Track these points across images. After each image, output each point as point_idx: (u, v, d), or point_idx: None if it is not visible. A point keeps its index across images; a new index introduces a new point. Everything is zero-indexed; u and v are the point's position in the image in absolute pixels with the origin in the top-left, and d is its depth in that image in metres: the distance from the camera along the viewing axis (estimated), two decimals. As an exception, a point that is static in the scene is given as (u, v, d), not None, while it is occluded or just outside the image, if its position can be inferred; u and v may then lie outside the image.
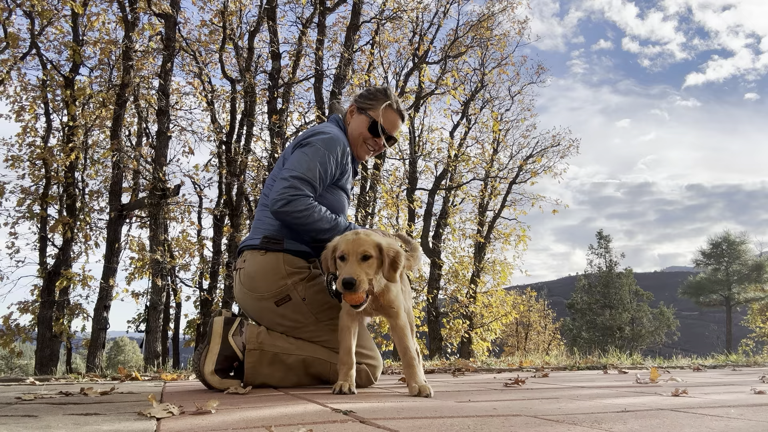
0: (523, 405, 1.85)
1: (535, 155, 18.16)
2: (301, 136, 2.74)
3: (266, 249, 2.61)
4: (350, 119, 2.88)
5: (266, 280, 2.58)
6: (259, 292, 2.60)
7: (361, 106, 2.86)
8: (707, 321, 71.34)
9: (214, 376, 2.49)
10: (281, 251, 2.61)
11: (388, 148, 3.11)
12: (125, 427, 1.45)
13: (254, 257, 2.63)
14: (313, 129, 2.75)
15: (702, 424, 1.43)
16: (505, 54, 16.77)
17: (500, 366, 4.54)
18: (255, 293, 2.61)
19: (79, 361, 16.52)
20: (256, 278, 2.60)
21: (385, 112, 2.84)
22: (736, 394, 2.30)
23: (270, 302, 2.59)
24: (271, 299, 2.58)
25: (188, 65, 12.71)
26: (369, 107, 2.84)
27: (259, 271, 2.59)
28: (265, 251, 2.61)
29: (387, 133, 2.87)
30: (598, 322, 39.61)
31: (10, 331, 10.55)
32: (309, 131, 2.73)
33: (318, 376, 2.63)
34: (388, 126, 2.87)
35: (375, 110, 2.83)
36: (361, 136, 2.84)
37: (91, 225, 12.05)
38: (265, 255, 2.61)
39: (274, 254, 2.61)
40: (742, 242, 41.90)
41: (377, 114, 2.83)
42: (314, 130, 2.71)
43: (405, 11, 13.72)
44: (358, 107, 2.86)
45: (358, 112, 2.86)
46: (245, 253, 2.69)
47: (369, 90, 2.91)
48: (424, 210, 16.27)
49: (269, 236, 2.63)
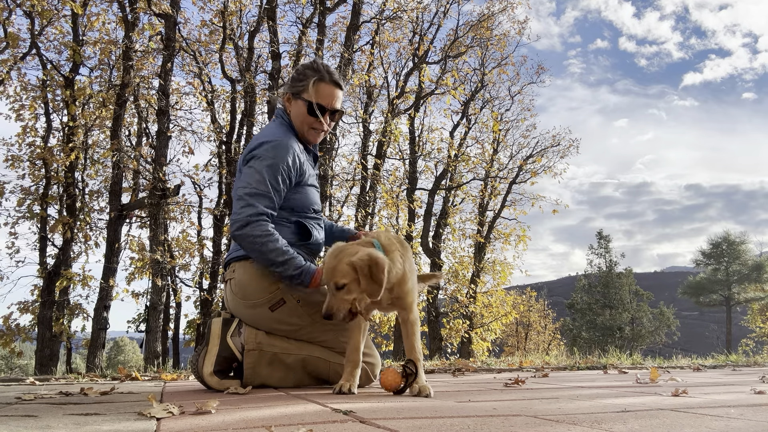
0: (523, 405, 1.85)
1: (535, 155, 18.16)
2: (247, 148, 2.63)
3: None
4: (289, 108, 2.74)
5: (258, 286, 2.55)
6: (252, 299, 2.57)
7: (293, 92, 2.70)
8: (707, 321, 71.34)
9: (213, 377, 2.49)
10: None
11: (336, 122, 2.95)
12: (125, 427, 1.45)
13: (243, 266, 2.60)
14: (257, 138, 2.64)
15: (702, 424, 1.43)
16: (505, 54, 16.78)
17: (500, 366, 4.54)
18: (248, 301, 2.58)
19: (79, 361, 16.51)
20: (248, 286, 2.57)
21: (317, 88, 2.67)
22: (736, 394, 2.30)
23: (264, 308, 2.56)
24: (265, 305, 2.56)
25: (188, 65, 12.72)
26: (301, 89, 2.68)
27: (251, 278, 2.57)
28: (253, 260, 2.58)
29: (328, 108, 2.70)
30: (598, 322, 39.62)
31: (10, 331, 10.56)
32: (253, 141, 2.62)
33: (317, 376, 2.63)
34: (325, 101, 2.69)
35: (307, 91, 2.67)
36: (304, 122, 2.71)
37: (91, 225, 12.06)
38: (254, 263, 2.57)
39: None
40: (742, 242, 41.92)
41: (310, 94, 2.67)
42: (258, 140, 2.60)
43: (405, 11, 13.73)
44: (292, 93, 2.71)
45: (294, 98, 2.71)
46: (234, 264, 2.66)
47: (297, 71, 2.75)
48: (424, 210, 16.26)
49: None
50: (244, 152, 2.65)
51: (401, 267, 2.33)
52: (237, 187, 2.55)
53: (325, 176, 11.50)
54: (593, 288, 41.69)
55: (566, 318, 41.47)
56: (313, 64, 2.74)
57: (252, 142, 2.64)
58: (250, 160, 2.54)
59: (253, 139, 2.67)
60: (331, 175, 12.19)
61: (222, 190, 12.65)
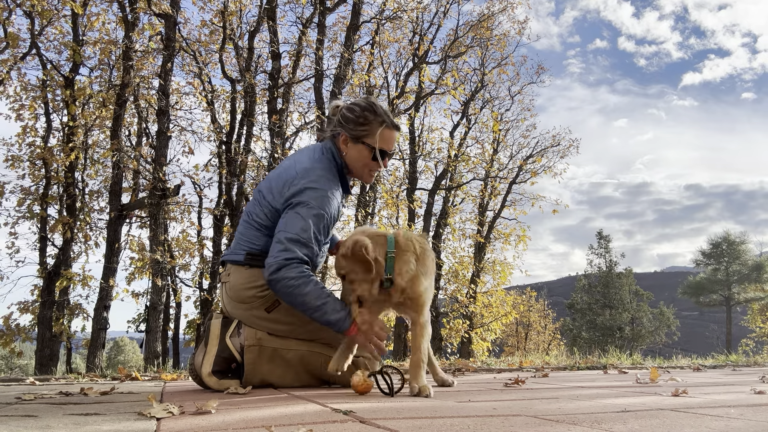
0: (523, 405, 1.85)
1: (535, 155, 18.16)
2: (291, 182, 2.50)
3: (250, 265, 2.59)
4: (345, 149, 2.65)
5: (253, 289, 2.57)
6: (247, 302, 2.59)
7: (354, 135, 2.61)
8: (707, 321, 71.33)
9: (211, 378, 2.49)
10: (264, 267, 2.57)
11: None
12: (125, 427, 1.45)
13: (239, 271, 2.61)
14: (305, 178, 2.50)
15: (702, 424, 1.43)
16: (505, 54, 16.78)
17: (500, 366, 4.54)
18: (244, 304, 2.60)
19: (79, 361, 16.51)
20: (242, 288, 2.59)
21: (382, 134, 2.62)
22: (736, 394, 2.30)
23: (260, 310, 2.58)
24: (261, 306, 2.58)
25: (188, 65, 12.72)
26: (364, 134, 2.61)
27: (245, 282, 2.59)
28: (249, 266, 2.59)
29: (388, 153, 2.69)
30: (598, 322, 39.62)
31: (10, 331, 10.56)
32: (301, 182, 2.49)
33: (316, 371, 2.64)
34: (388, 146, 2.66)
35: (371, 137, 2.61)
36: (365, 166, 2.66)
37: (91, 225, 12.06)
38: (249, 269, 2.59)
39: (259, 269, 2.57)
40: (742, 242, 41.93)
41: (374, 140, 2.61)
42: (307, 182, 2.49)
43: (405, 11, 13.73)
44: (352, 137, 2.61)
45: (353, 142, 2.63)
46: (229, 266, 2.67)
47: (354, 112, 2.62)
48: (424, 210, 16.27)
49: (252, 253, 2.60)
50: (288, 186, 2.50)
51: (413, 268, 2.33)
52: (279, 230, 2.45)
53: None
54: (593, 288, 41.69)
55: (566, 318, 41.48)
56: (372, 106, 2.64)
57: (299, 180, 2.50)
58: (297, 205, 2.45)
59: (298, 172, 2.53)
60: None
61: (222, 190, 12.65)
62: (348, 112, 2.64)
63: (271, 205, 2.55)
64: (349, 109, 2.65)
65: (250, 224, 2.63)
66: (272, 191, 2.57)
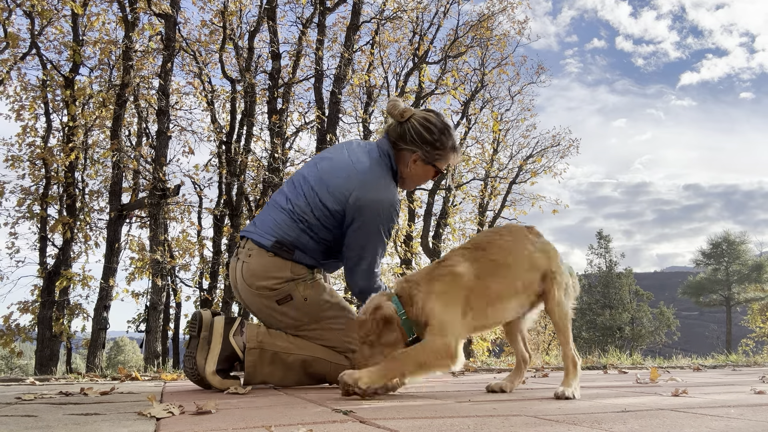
0: (523, 405, 1.85)
1: (535, 155, 18.17)
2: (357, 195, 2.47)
3: (275, 253, 2.56)
4: (414, 167, 2.64)
5: (269, 279, 2.56)
6: (257, 289, 2.58)
7: (428, 159, 2.61)
8: (707, 321, 71.31)
9: (215, 377, 2.48)
10: (290, 260, 2.57)
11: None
12: (125, 427, 1.45)
13: (261, 255, 2.57)
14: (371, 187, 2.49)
15: (702, 424, 1.43)
16: (505, 54, 16.78)
17: (500, 366, 4.54)
18: (254, 288, 2.59)
19: (79, 361, 16.53)
20: (258, 276, 2.57)
21: (451, 159, 2.68)
22: (736, 394, 2.30)
23: (271, 300, 2.58)
24: (273, 297, 2.57)
25: (188, 65, 12.73)
26: (437, 158, 2.63)
27: (264, 271, 2.56)
28: (274, 254, 2.56)
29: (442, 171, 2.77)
30: (598, 322, 39.63)
31: (10, 331, 10.56)
32: (368, 194, 2.48)
33: (318, 376, 2.63)
34: (449, 167, 2.79)
35: (443, 161, 2.65)
36: (421, 181, 2.74)
37: (91, 225, 12.07)
38: (272, 257, 2.56)
39: (282, 260, 2.56)
40: (742, 242, 41.97)
41: (443, 165, 2.67)
42: (375, 195, 2.49)
43: (405, 11, 13.72)
44: (424, 159, 2.61)
45: (424, 163, 2.63)
46: (252, 246, 2.60)
47: (433, 134, 2.58)
48: (424, 210, 16.26)
49: (282, 242, 2.55)
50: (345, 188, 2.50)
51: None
52: (358, 251, 2.54)
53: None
54: (593, 288, 41.71)
55: (566, 318, 41.38)
56: (447, 129, 2.63)
57: (360, 184, 2.49)
58: (370, 224, 2.49)
59: (360, 173, 2.52)
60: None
61: (222, 190, 12.65)
62: (425, 132, 2.58)
63: (322, 202, 2.52)
64: (426, 129, 2.58)
65: (286, 212, 2.58)
66: (326, 187, 2.53)
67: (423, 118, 2.59)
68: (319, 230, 2.55)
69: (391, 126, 2.66)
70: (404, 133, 2.60)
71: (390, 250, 14.65)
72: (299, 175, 2.68)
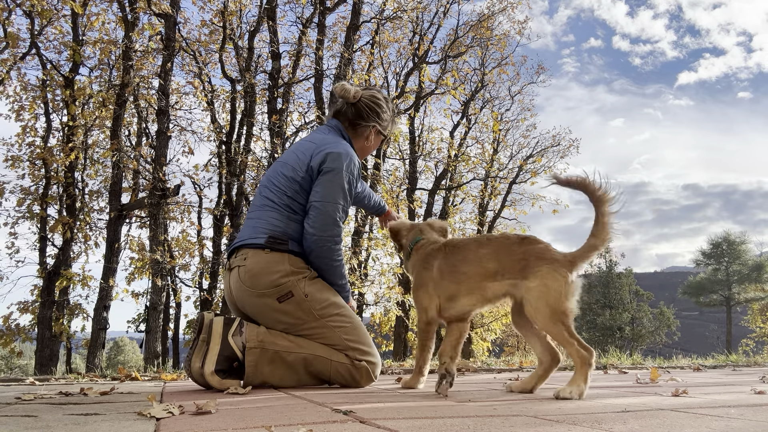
0: (523, 405, 1.85)
1: (535, 155, 18.17)
2: (316, 156, 2.66)
3: (271, 248, 2.61)
4: (372, 138, 2.92)
5: (269, 276, 2.58)
6: (260, 288, 2.59)
7: (383, 129, 2.94)
8: (707, 321, 71.30)
9: (214, 377, 2.49)
10: (286, 251, 2.62)
11: None
12: (125, 427, 1.45)
13: (257, 255, 2.61)
14: (325, 144, 2.70)
15: (702, 424, 1.43)
16: (505, 54, 16.78)
17: (500, 366, 4.54)
18: (256, 290, 2.60)
19: (79, 361, 16.53)
20: (259, 275, 2.58)
21: (395, 125, 3.04)
22: (736, 394, 2.30)
23: (272, 299, 2.58)
24: (273, 295, 2.58)
25: (188, 65, 12.72)
26: (387, 127, 2.97)
27: (264, 268, 2.59)
28: (270, 250, 2.61)
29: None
30: (598, 322, 39.63)
31: (10, 331, 10.56)
32: (323, 149, 2.66)
33: (318, 375, 2.63)
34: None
35: (391, 129, 3.00)
36: (370, 151, 3.00)
37: (91, 225, 12.06)
38: (269, 253, 2.60)
39: (279, 253, 2.61)
40: (742, 242, 41.97)
41: (391, 132, 3.02)
42: (329, 147, 2.67)
43: (405, 11, 13.72)
44: (381, 131, 2.94)
45: (376, 135, 2.93)
46: (246, 251, 2.66)
47: (381, 107, 2.89)
48: (424, 210, 16.27)
49: (275, 236, 2.62)
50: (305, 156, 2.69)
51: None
52: (318, 199, 2.62)
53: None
54: (593, 288, 41.70)
55: (566, 318, 41.36)
56: (387, 100, 2.96)
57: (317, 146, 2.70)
58: (328, 173, 2.63)
59: (316, 143, 2.73)
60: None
61: (222, 190, 12.65)
62: (378, 108, 2.90)
63: (291, 177, 2.68)
64: (378, 105, 2.90)
65: (266, 207, 2.69)
66: (290, 165, 2.72)
67: (372, 96, 2.88)
68: (300, 210, 2.68)
69: (341, 109, 2.88)
70: (360, 111, 2.86)
71: (390, 249, 14.65)
72: (265, 178, 2.86)
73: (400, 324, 14.39)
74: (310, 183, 2.67)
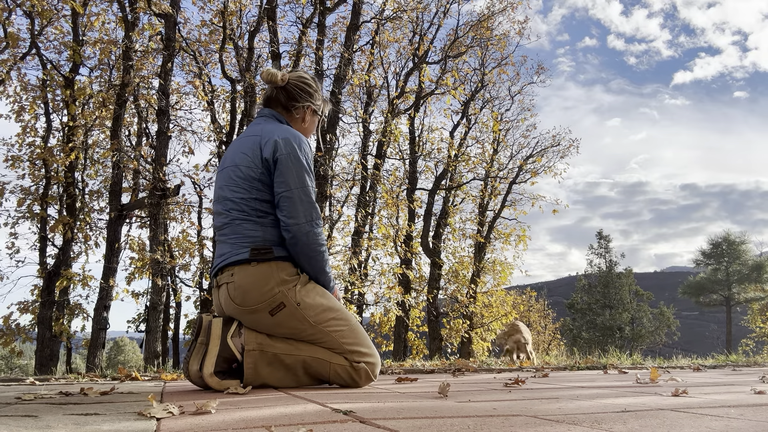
0: (523, 405, 1.85)
1: (535, 155, 18.16)
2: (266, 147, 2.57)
3: (257, 261, 2.52)
4: (308, 119, 2.86)
5: (259, 291, 2.50)
6: (251, 305, 2.52)
7: (318, 108, 2.91)
8: (707, 321, 71.32)
9: (213, 378, 2.49)
10: (272, 260, 2.54)
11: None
12: (125, 427, 1.45)
13: (244, 270, 2.53)
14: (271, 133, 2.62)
15: (702, 424, 1.43)
16: (505, 54, 16.79)
17: (500, 366, 4.54)
18: (248, 307, 2.53)
19: (79, 361, 16.53)
20: (248, 291, 2.51)
21: (328, 104, 2.98)
22: (736, 394, 2.30)
23: (264, 313, 2.53)
24: (265, 309, 2.52)
25: (188, 65, 12.72)
26: (321, 106, 2.92)
27: (252, 282, 2.51)
28: (257, 263, 2.52)
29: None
30: (598, 322, 39.63)
31: (10, 331, 10.55)
32: (270, 137, 2.59)
33: (317, 376, 2.63)
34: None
35: (325, 108, 2.95)
36: (310, 133, 2.95)
37: (91, 225, 12.05)
38: (256, 266, 2.52)
39: (266, 263, 2.53)
40: (742, 242, 41.96)
41: (325, 111, 2.97)
42: (276, 136, 2.59)
43: (405, 11, 13.72)
44: (315, 110, 2.88)
45: (312, 114, 2.89)
46: (231, 268, 2.56)
47: (311, 86, 2.83)
48: (424, 210, 16.27)
49: (257, 247, 2.53)
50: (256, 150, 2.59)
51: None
52: (287, 188, 2.53)
53: (325, 176, 11.50)
54: (593, 288, 41.72)
55: (566, 318, 41.46)
56: (315, 79, 2.92)
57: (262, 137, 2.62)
58: (285, 158, 2.56)
59: (260, 134, 2.64)
60: (331, 175, 12.19)
61: (222, 190, 12.61)
62: (308, 87, 2.84)
63: (252, 177, 2.57)
64: (308, 85, 2.84)
65: (237, 220, 2.57)
66: (245, 168, 2.59)
67: (299, 77, 2.84)
68: (270, 209, 2.58)
69: (272, 95, 2.82)
70: (292, 93, 2.80)
71: (390, 249, 14.65)
72: (217, 195, 2.72)
73: (400, 324, 14.39)
74: (269, 176, 2.56)
